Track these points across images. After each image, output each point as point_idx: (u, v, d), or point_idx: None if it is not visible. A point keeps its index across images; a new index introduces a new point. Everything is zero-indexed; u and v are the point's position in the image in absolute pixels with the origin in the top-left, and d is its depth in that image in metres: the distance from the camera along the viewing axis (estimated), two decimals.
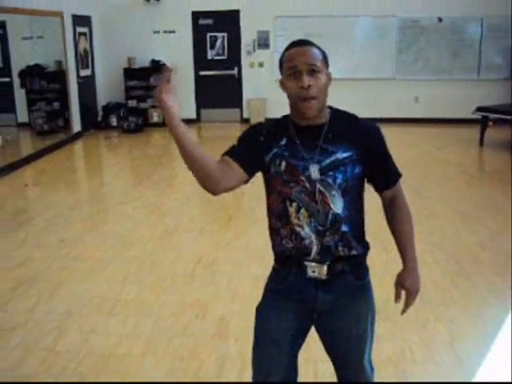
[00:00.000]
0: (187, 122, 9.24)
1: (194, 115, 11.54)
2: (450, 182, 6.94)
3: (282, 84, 1.94)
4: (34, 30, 10.42)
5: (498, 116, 9.16)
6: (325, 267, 1.94)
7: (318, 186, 1.89)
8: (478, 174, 7.98)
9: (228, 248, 4.88)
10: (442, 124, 10.86)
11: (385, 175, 2.04)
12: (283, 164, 1.92)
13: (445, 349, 3.25)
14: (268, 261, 2.16)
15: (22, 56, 10.42)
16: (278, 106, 12.20)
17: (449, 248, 4.80)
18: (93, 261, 4.67)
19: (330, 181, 1.90)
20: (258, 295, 4.03)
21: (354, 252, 1.96)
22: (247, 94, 11.37)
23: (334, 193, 1.89)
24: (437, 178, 7.15)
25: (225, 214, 5.86)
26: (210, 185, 1.93)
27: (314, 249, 1.92)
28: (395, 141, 9.96)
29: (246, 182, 1.99)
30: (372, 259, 2.21)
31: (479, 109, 9.19)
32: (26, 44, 10.47)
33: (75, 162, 9.49)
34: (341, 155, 1.90)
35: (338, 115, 1.97)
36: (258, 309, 2.14)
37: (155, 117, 11.30)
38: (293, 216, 1.92)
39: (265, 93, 11.06)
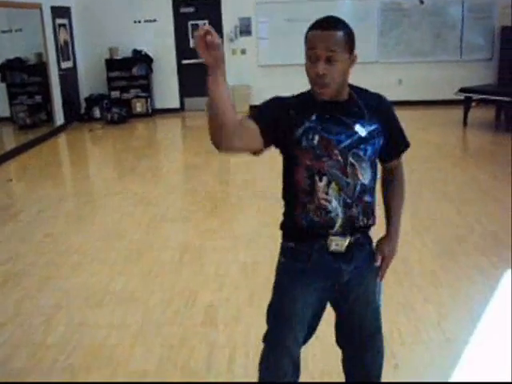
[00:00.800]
0: (171, 111, 9.18)
1: (177, 104, 11.49)
2: (434, 164, 6.98)
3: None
4: (13, 23, 10.27)
5: (481, 96, 9.19)
6: (347, 240, 1.99)
7: (350, 159, 1.93)
8: (463, 154, 8.02)
9: (214, 236, 4.88)
10: (426, 106, 10.89)
11: (395, 147, 2.11)
12: (316, 138, 1.91)
13: (433, 329, 3.28)
14: (254, 248, 2.17)
15: (1, 49, 10.28)
16: (263, 92, 12.24)
17: (435, 230, 4.83)
18: (80, 254, 4.65)
19: (361, 153, 1.95)
20: (245, 282, 4.06)
21: (370, 222, 2.04)
22: (231, 81, 11.16)
23: (364, 165, 1.96)
24: (422, 159, 7.16)
25: (210, 202, 5.85)
26: (220, 136, 1.77)
27: (339, 222, 1.96)
28: None
29: (256, 153, 1.95)
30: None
31: (462, 90, 9.22)
32: (4, 37, 10.33)
33: (59, 155, 9.42)
34: (369, 128, 1.95)
35: (358, 92, 2.02)
36: (281, 287, 2.13)
37: (138, 107, 11.24)
38: (321, 191, 1.94)
39: (248, 80, 11.03)
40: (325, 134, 1.91)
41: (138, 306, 3.73)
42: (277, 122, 1.91)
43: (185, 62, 11.34)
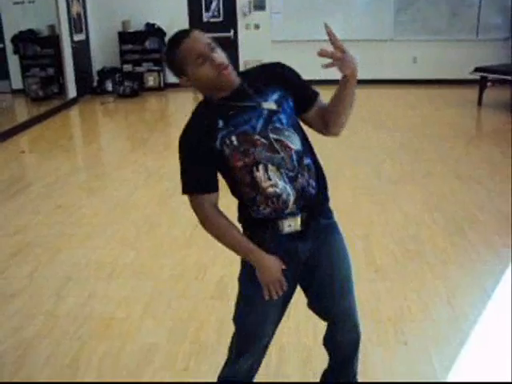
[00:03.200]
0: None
1: None
2: (448, 143, 6.91)
3: (189, 81, 1.93)
4: None
5: (497, 76, 9.05)
6: (299, 218, 1.96)
7: (271, 135, 1.89)
8: (477, 134, 7.95)
9: (226, 212, 4.85)
10: (441, 85, 10.76)
11: (305, 94, 2.02)
12: (233, 138, 1.89)
13: (442, 306, 3.28)
14: None
15: (14, 21, 10.25)
16: None
17: (447, 208, 4.80)
18: (91, 226, 4.67)
19: (278, 125, 1.90)
20: None
21: (320, 185, 2.00)
22: (243, 56, 11.22)
23: (287, 133, 1.91)
24: (435, 138, 7.11)
25: (221, 177, 5.83)
26: None
27: (291, 200, 1.92)
28: (393, 102, 9.97)
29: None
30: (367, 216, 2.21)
31: (478, 69, 9.09)
32: (17, 9, 10.28)
33: (71, 128, 9.43)
34: (273, 98, 1.92)
35: (246, 72, 2.05)
36: (242, 280, 2.14)
37: (151, 81, 11.20)
38: (263, 180, 1.91)
39: (261, 55, 10.90)
40: (238, 129, 1.89)
41: (149, 279, 3.75)
42: (206, 169, 1.96)
43: None
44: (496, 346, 2.93)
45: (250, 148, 1.89)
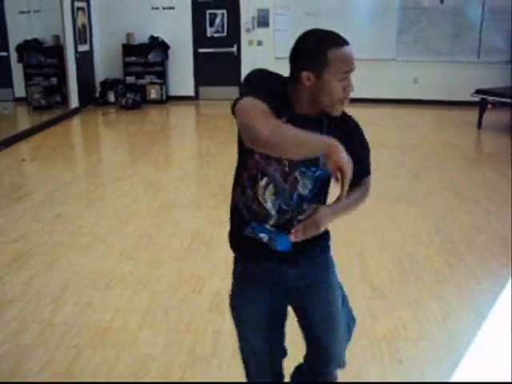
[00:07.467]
0: (185, 99, 9.19)
1: (192, 93, 11.49)
2: (447, 164, 6.94)
3: (310, 81, 1.81)
4: (32, 4, 10.34)
5: (497, 99, 9.12)
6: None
7: (296, 173, 1.86)
8: (476, 156, 7.99)
9: (225, 225, 4.86)
10: (441, 106, 10.83)
11: (358, 168, 1.74)
12: None
13: (437, 326, 3.29)
14: None
15: (19, 30, 10.35)
16: None
17: (444, 228, 4.83)
18: (90, 236, 4.68)
19: (309, 173, 1.87)
20: None
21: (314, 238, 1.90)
22: (246, 72, 11.24)
23: (306, 182, 1.87)
24: (435, 159, 7.15)
25: (222, 191, 5.86)
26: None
27: (272, 220, 1.92)
28: (394, 122, 10.00)
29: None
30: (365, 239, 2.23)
31: (478, 91, 9.16)
32: (23, 18, 10.39)
33: (72, 137, 9.46)
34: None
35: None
36: (232, 297, 2.16)
37: (153, 93, 11.26)
38: (260, 191, 1.90)
39: None
40: None
41: (146, 290, 3.76)
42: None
43: (201, 50, 11.34)
44: (489, 367, 2.94)
45: (274, 161, 1.84)
